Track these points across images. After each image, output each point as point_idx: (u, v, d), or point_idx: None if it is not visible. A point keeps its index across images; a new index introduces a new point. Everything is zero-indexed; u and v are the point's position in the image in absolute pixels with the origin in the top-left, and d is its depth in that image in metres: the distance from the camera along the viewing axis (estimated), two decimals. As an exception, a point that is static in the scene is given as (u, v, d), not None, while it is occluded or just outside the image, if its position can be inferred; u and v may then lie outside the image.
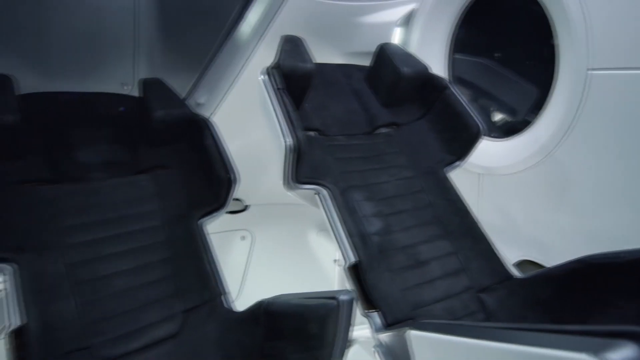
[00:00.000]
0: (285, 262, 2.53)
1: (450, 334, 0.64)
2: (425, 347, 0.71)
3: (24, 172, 1.34)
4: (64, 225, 1.30)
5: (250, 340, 1.15)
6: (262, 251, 2.63)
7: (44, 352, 1.05)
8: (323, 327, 0.77)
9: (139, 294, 1.29)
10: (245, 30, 1.90)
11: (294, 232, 2.64)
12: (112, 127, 1.66)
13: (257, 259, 2.63)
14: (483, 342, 0.60)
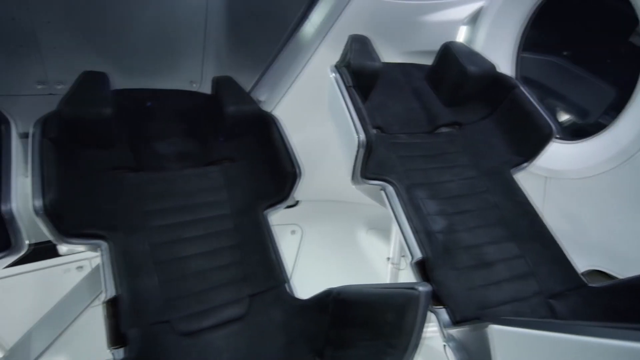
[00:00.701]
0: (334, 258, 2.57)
1: (539, 330, 0.64)
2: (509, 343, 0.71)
3: (114, 160, 1.48)
4: (146, 209, 1.42)
5: (316, 326, 1.20)
6: (311, 246, 2.68)
7: (132, 321, 1.16)
8: (402, 316, 0.80)
9: (211, 276, 1.38)
10: (308, 31, 1.96)
11: (343, 229, 2.67)
12: (185, 122, 1.79)
13: (306, 254, 2.68)
14: (576, 337, 0.59)
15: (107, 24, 1.94)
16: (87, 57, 1.99)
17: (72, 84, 1.41)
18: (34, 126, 1.25)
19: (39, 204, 1.09)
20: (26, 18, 1.71)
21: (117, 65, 2.10)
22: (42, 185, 1.12)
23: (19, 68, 1.84)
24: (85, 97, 1.36)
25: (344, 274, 2.25)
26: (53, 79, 1.94)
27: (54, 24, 1.78)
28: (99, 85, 1.43)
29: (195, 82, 2.30)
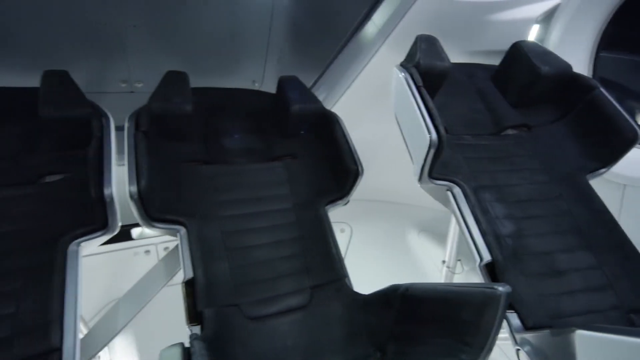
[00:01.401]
0: (383, 258, 2.57)
1: (636, 337, 0.61)
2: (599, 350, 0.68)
3: (190, 153, 1.60)
4: (219, 200, 1.52)
5: (378, 321, 1.22)
6: (360, 245, 2.70)
7: (207, 302, 1.25)
8: (481, 315, 0.80)
9: (275, 266, 1.45)
10: (370, 31, 1.98)
11: (392, 230, 2.67)
12: (250, 119, 1.88)
13: (354, 252, 2.71)
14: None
15: (181, 27, 2.09)
16: (162, 58, 2.16)
17: (159, 82, 1.54)
18: (128, 120, 1.39)
19: (133, 190, 1.22)
20: (115, 23, 1.90)
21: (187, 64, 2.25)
22: (136, 173, 1.25)
23: (107, 68, 2.04)
24: (170, 93, 1.49)
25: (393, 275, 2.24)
26: (134, 78, 2.13)
27: (139, 27, 1.95)
28: (181, 83, 1.55)
29: (257, 81, 2.41)
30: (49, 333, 1.09)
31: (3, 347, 1.08)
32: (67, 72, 1.44)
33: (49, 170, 1.43)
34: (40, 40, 1.86)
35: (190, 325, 1.20)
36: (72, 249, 1.23)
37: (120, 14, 1.86)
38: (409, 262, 2.53)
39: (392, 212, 2.67)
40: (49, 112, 1.32)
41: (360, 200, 2.83)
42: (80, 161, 1.42)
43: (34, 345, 1.08)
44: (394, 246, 2.62)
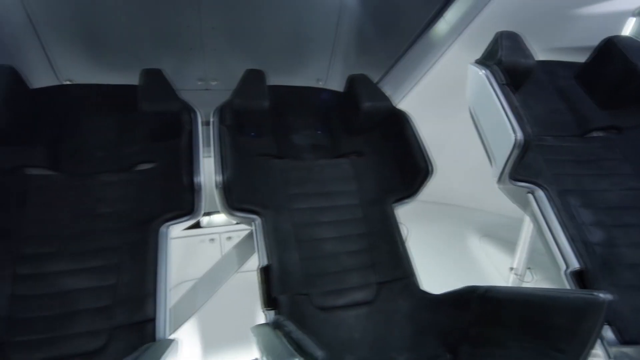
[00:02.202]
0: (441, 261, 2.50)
1: None
2: None
3: (264, 147, 1.68)
4: (290, 193, 1.59)
5: (451, 322, 1.20)
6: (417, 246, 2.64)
7: (280, 289, 1.31)
8: (579, 321, 0.76)
9: (342, 260, 1.48)
10: (441, 28, 1.94)
11: (452, 233, 2.59)
12: (317, 116, 1.94)
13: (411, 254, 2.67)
14: None
15: (252, 29, 2.19)
16: (235, 58, 2.29)
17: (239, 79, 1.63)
18: (214, 115, 1.50)
19: (220, 179, 1.31)
20: (197, 25, 2.04)
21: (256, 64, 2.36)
22: (222, 164, 1.34)
23: (186, 67, 2.20)
24: (250, 91, 1.58)
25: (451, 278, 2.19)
26: (210, 77, 2.27)
27: (217, 29, 2.08)
28: (259, 81, 1.63)
29: (321, 79, 2.47)
30: (145, 305, 1.21)
31: (106, 314, 1.22)
32: (161, 70, 1.58)
33: (141, 159, 1.58)
34: (132, 42, 2.06)
35: (266, 309, 1.27)
36: (163, 230, 1.35)
37: (201, 17, 2.00)
38: (469, 266, 2.44)
39: (451, 215, 2.60)
40: (147, 106, 1.46)
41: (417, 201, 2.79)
42: (168, 152, 1.55)
43: (132, 315, 1.21)
44: (453, 250, 2.54)
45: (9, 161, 1.40)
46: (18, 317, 1.16)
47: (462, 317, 1.14)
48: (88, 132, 1.61)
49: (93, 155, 1.56)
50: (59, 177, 1.46)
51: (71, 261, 1.28)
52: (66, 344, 1.15)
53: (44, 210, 1.36)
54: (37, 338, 1.14)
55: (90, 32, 1.98)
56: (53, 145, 1.51)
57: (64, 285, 1.24)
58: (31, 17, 1.82)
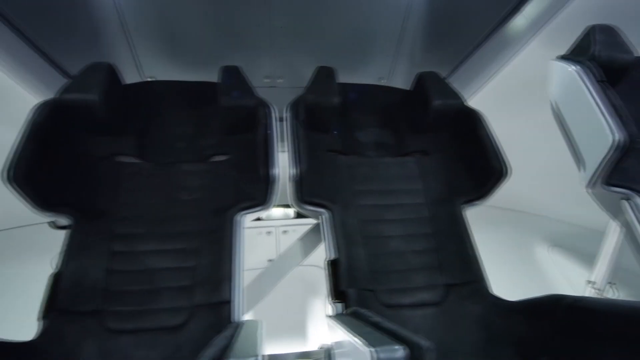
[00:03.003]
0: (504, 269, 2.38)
1: None
2: None
3: (331, 143, 1.71)
4: (356, 189, 1.60)
5: (530, 331, 1.14)
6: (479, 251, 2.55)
7: (348, 283, 1.32)
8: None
9: (408, 258, 1.47)
10: (519, 24, 1.85)
11: (516, 242, 2.46)
12: (382, 114, 1.93)
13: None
14: None
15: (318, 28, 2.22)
16: (300, 56, 2.34)
17: (311, 76, 1.67)
18: (287, 111, 1.55)
19: (294, 172, 1.35)
20: (267, 25, 2.12)
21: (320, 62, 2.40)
22: (296, 157, 1.39)
23: (255, 65, 2.29)
24: (322, 87, 1.61)
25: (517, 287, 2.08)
26: (276, 74, 2.35)
27: (285, 28, 2.15)
28: (330, 78, 1.66)
29: (384, 77, 2.45)
30: (222, 287, 1.29)
31: (186, 293, 1.31)
32: (238, 67, 1.67)
33: (216, 151, 1.67)
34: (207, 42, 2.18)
35: (334, 301, 1.29)
36: (237, 219, 1.43)
37: (271, 17, 2.07)
38: (536, 276, 2.30)
39: (516, 221, 2.46)
40: (226, 101, 1.54)
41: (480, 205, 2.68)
42: (243, 145, 1.63)
43: (210, 296, 1.29)
44: (517, 258, 2.41)
45: (105, 149, 1.56)
46: (112, 289, 1.28)
47: (543, 326, 1.08)
48: (169, 125, 1.74)
49: (173, 146, 1.69)
50: (146, 165, 1.59)
51: (157, 242, 1.39)
52: (152, 317, 1.25)
53: (134, 195, 1.49)
54: (127, 309, 1.25)
55: (170, 32, 2.13)
56: (140, 136, 1.65)
57: (151, 263, 1.35)
58: (122, 19, 2.00)
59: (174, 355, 1.19)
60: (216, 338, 0.79)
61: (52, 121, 1.37)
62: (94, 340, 1.18)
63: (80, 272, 1.27)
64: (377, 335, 0.75)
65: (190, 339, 1.21)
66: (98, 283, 1.27)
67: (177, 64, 2.27)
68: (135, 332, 1.22)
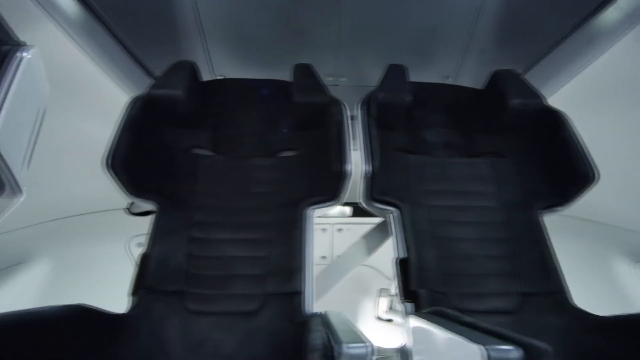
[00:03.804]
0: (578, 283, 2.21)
1: None
2: None
3: (399, 142, 1.69)
4: (425, 189, 1.56)
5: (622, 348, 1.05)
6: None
7: (419, 283, 1.30)
8: None
9: (481, 263, 1.41)
10: (612, 17, 1.70)
11: (593, 254, 2.26)
12: (450, 114, 1.87)
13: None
14: None
15: (385, 26, 2.21)
16: (365, 54, 2.34)
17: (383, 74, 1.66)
18: (359, 108, 1.56)
19: (368, 169, 1.36)
20: (337, 23, 2.14)
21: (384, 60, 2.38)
22: (368, 155, 1.39)
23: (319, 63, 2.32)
24: (393, 85, 1.60)
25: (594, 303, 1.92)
26: (339, 73, 2.37)
27: (354, 27, 2.15)
28: (402, 76, 1.64)
29: (450, 76, 2.37)
30: (294, 278, 1.32)
31: (259, 281, 1.36)
32: (310, 65, 1.70)
33: (284, 147, 1.72)
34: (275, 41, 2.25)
35: (405, 301, 1.27)
36: (308, 212, 1.46)
37: (341, 15, 2.09)
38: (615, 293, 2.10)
39: (594, 233, 2.27)
40: (299, 97, 1.58)
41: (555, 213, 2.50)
42: (313, 141, 1.66)
43: (282, 285, 1.33)
44: (594, 272, 2.22)
45: (185, 142, 1.66)
46: (192, 272, 1.36)
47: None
48: (240, 121, 1.82)
49: (244, 141, 1.76)
50: (220, 158, 1.68)
51: (231, 231, 1.46)
52: (228, 302, 1.32)
53: (211, 185, 1.57)
54: (206, 292, 1.33)
55: (240, 33, 2.23)
56: (214, 130, 1.75)
57: (226, 251, 1.42)
58: (199, 21, 2.12)
59: (247, 339, 1.24)
60: (314, 326, 0.80)
61: (143, 114, 1.49)
62: (176, 318, 1.27)
63: (164, 255, 1.37)
64: (481, 335, 0.73)
65: (263, 326, 1.26)
66: (180, 266, 1.36)
67: (244, 63, 2.37)
68: (213, 314, 1.29)
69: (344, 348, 0.54)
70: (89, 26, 1.72)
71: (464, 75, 2.33)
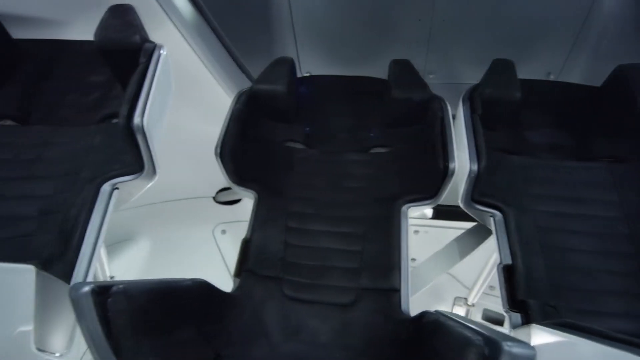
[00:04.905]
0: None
1: None
2: None
3: (500, 141, 1.59)
4: (532, 192, 1.45)
5: None
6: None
7: (527, 293, 1.20)
8: None
9: (601, 279, 1.26)
10: None
11: None
12: (560, 113, 1.71)
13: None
14: None
15: (483, 20, 2.08)
16: (456, 51, 2.24)
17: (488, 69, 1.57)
18: (462, 103, 1.49)
19: (474, 168, 1.30)
20: (429, 18, 2.08)
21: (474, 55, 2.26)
22: (473, 154, 1.32)
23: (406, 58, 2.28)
24: (501, 80, 1.50)
25: None
26: (428, 70, 2.30)
27: (447, 22, 2.07)
28: (510, 70, 1.54)
29: (553, 72, 2.18)
30: (390, 275, 1.31)
31: (353, 275, 1.37)
32: (408, 60, 1.67)
33: (376, 143, 1.71)
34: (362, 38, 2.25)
35: (510, 310, 1.19)
36: (403, 210, 1.43)
37: (435, 10, 2.02)
38: None
39: None
40: (399, 93, 1.56)
41: None
42: (406, 138, 1.63)
43: (377, 281, 1.32)
44: None
45: (281, 135, 1.73)
46: (289, 260, 1.41)
47: None
48: (331, 116, 1.85)
49: (335, 136, 1.78)
50: (313, 152, 1.72)
51: (325, 223, 1.49)
52: (323, 292, 1.35)
53: (305, 178, 1.62)
54: (302, 281, 1.37)
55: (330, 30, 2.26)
56: (307, 125, 1.80)
57: (320, 242, 1.45)
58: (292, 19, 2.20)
59: (344, 331, 1.26)
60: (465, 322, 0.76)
61: (246, 107, 1.58)
62: (275, 302, 1.32)
63: (263, 241, 1.44)
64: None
65: (359, 319, 1.26)
66: (278, 253, 1.42)
67: (331, 60, 2.40)
68: (309, 302, 1.32)
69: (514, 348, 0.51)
70: (199, 26, 1.86)
71: (571, 72, 2.12)
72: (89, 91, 1.55)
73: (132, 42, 1.21)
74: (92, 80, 1.57)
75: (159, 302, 0.88)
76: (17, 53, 1.57)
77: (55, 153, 1.33)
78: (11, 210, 1.14)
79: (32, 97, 1.51)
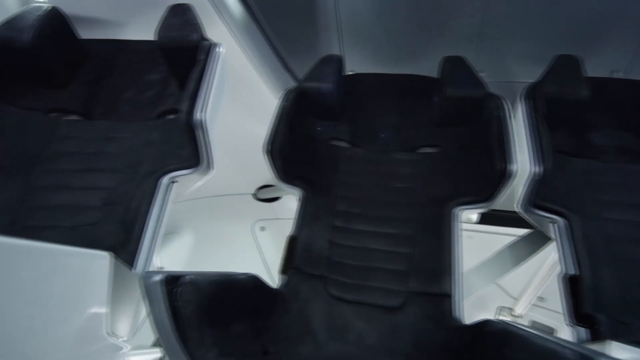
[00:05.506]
0: None
1: None
2: None
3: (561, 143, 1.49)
4: (600, 199, 1.34)
5: None
6: None
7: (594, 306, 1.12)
8: None
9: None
10: None
11: None
12: (630, 114, 1.58)
13: None
14: None
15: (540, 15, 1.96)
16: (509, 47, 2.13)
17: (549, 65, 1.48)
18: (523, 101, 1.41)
19: (538, 170, 1.22)
20: (481, 14, 1.99)
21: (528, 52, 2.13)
22: (537, 155, 1.25)
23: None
24: (565, 77, 1.41)
25: None
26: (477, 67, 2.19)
27: (500, 17, 1.97)
28: (576, 66, 1.44)
29: (619, 70, 2.01)
30: (441, 279, 1.25)
31: (401, 278, 1.33)
32: (462, 57, 1.61)
33: (424, 143, 1.66)
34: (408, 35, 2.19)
35: (575, 324, 1.11)
36: (455, 212, 1.37)
37: (489, 4, 1.93)
38: None
39: None
40: (452, 91, 1.50)
41: None
42: (454, 137, 1.57)
43: (427, 285, 1.28)
44: None
45: (327, 133, 1.72)
46: (334, 259, 1.40)
47: None
48: (376, 115, 1.81)
49: (380, 136, 1.75)
50: (359, 150, 1.69)
51: (371, 224, 1.46)
52: (369, 293, 1.32)
53: (351, 177, 1.60)
54: (347, 281, 1.35)
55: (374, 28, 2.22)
56: (351, 123, 1.77)
57: (367, 243, 1.42)
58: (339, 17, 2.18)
59: (391, 334, 1.22)
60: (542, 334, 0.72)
61: (294, 105, 1.58)
62: (320, 301, 1.31)
63: (310, 239, 1.43)
64: None
65: (408, 323, 1.23)
66: (323, 252, 1.41)
67: (375, 58, 2.36)
68: (355, 303, 1.30)
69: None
70: (248, 25, 1.89)
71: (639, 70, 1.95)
72: (146, 89, 1.62)
73: (190, 40, 1.25)
74: (149, 79, 1.64)
75: (220, 294, 0.89)
76: (83, 53, 1.67)
77: (116, 147, 1.39)
78: (78, 200, 1.21)
79: (95, 94, 1.60)
